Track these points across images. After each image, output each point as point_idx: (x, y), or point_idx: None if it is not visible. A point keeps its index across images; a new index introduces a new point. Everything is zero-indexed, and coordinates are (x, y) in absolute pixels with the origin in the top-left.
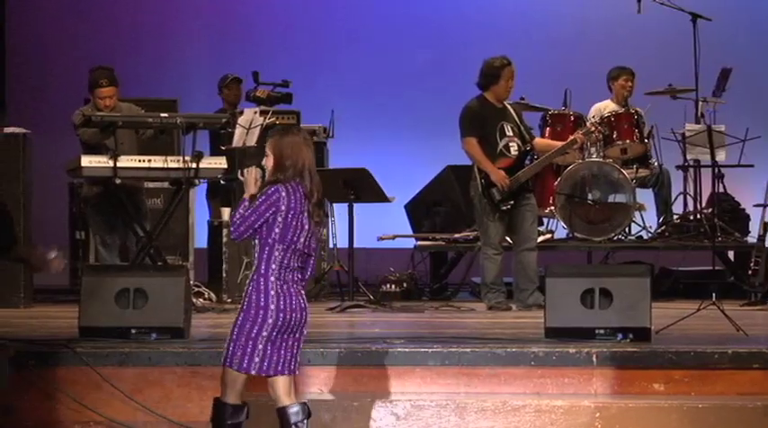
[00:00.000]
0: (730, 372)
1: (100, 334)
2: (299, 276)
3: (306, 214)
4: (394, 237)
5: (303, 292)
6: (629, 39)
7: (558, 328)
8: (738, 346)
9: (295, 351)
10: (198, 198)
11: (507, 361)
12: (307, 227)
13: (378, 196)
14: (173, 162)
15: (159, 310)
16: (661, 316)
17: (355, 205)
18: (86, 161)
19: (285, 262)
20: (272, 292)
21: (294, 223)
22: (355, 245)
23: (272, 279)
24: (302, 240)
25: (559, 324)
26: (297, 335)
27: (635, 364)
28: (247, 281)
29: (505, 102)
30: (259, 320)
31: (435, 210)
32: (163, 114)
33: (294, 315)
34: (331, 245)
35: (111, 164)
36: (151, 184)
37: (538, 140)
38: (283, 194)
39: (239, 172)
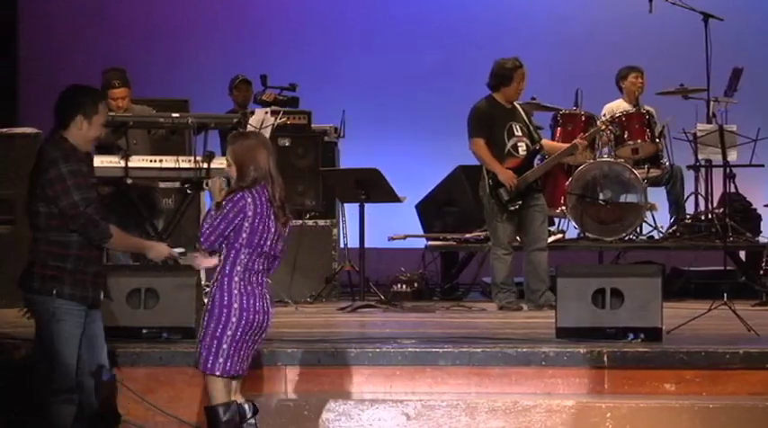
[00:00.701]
0: (741, 372)
1: (111, 334)
2: (264, 279)
3: (272, 217)
4: (405, 237)
5: (268, 296)
6: (641, 39)
7: (568, 328)
8: (750, 346)
9: (250, 352)
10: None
11: (518, 361)
12: (273, 229)
13: (389, 196)
14: (184, 162)
15: (170, 310)
16: (672, 317)
17: (366, 205)
18: (98, 161)
19: (250, 264)
20: (236, 291)
21: (261, 227)
22: (366, 245)
23: (236, 279)
24: (269, 243)
25: (570, 324)
26: (256, 338)
27: (646, 364)
28: (211, 282)
29: (515, 102)
30: (223, 319)
31: (446, 210)
32: (174, 114)
33: (257, 316)
34: (342, 245)
35: (122, 164)
36: (163, 184)
37: (544, 142)
38: (249, 200)
39: (204, 183)
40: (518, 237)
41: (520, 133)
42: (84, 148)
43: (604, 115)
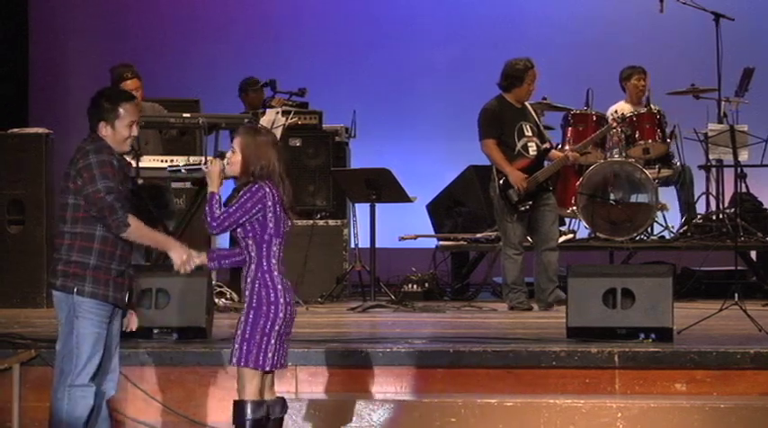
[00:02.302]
0: (752, 372)
1: (122, 335)
2: (285, 268)
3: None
4: (416, 237)
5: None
6: (652, 38)
7: (579, 328)
8: (761, 346)
9: (286, 344)
10: None
11: (529, 361)
12: (289, 223)
13: (399, 196)
14: (195, 162)
15: (181, 310)
16: (683, 317)
17: (377, 205)
18: None
19: (280, 255)
20: (279, 287)
21: (282, 215)
22: (377, 245)
23: (276, 273)
24: (287, 230)
25: (581, 324)
26: (290, 329)
27: (657, 364)
28: (249, 279)
29: (524, 102)
30: (271, 316)
31: (457, 210)
32: (185, 114)
33: (292, 308)
34: (352, 245)
35: (133, 163)
36: (174, 184)
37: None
38: (267, 190)
39: (203, 163)
40: (529, 237)
41: (530, 133)
42: (119, 149)
43: (610, 115)
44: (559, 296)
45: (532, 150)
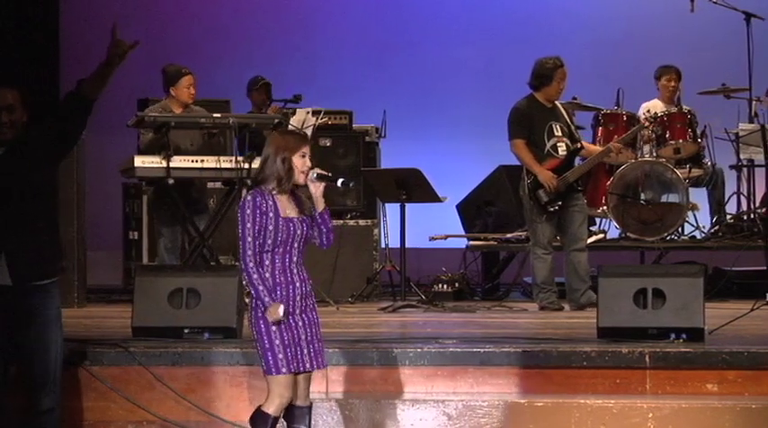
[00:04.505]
0: None
1: (153, 334)
2: None
3: None
4: (446, 237)
5: None
6: (683, 38)
7: (610, 328)
8: None
9: None
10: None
11: (559, 362)
12: None
13: (430, 196)
14: (225, 162)
15: (212, 310)
16: (714, 317)
17: (407, 205)
18: (139, 161)
19: None
20: None
21: None
22: (407, 245)
23: None
24: None
25: (612, 324)
26: None
27: (688, 364)
28: (308, 284)
29: (555, 102)
30: None
31: (487, 210)
32: (215, 115)
33: None
34: (383, 245)
35: (164, 164)
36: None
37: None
38: None
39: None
40: (558, 237)
41: (560, 133)
42: None
43: (642, 114)
44: (591, 298)
45: (562, 150)
